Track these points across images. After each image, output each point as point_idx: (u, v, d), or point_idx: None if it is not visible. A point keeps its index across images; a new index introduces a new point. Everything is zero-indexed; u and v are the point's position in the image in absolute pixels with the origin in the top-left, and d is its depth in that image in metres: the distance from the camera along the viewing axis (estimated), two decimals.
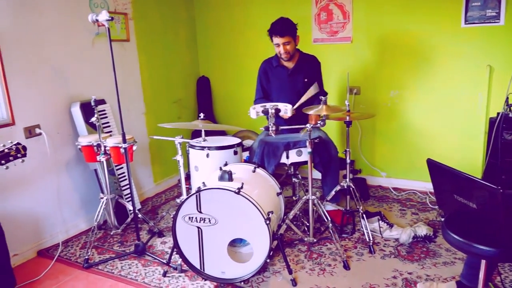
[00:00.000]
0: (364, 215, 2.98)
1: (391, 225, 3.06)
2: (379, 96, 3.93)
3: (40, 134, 3.04)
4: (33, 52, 2.99)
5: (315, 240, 2.96)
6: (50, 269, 2.86)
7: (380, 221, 3.08)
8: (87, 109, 3.22)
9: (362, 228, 3.03)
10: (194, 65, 4.75)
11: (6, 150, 2.12)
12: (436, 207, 3.51)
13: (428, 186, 3.75)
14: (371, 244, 2.88)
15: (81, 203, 3.44)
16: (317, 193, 2.87)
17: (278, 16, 3.15)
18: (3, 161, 2.11)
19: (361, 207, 3.00)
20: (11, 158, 2.14)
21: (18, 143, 2.17)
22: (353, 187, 3.01)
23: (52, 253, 3.07)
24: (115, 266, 2.85)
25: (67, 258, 3.00)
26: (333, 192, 3.08)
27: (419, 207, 3.56)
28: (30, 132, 2.99)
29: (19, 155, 2.17)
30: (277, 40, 3.08)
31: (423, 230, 2.94)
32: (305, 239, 2.96)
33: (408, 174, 3.98)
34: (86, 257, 2.91)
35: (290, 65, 3.26)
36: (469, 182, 1.72)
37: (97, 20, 2.60)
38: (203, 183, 2.49)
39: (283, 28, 3.05)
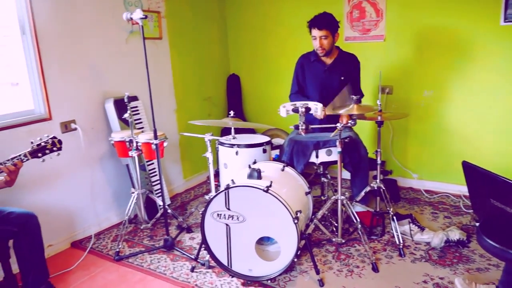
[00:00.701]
0: (394, 217, 2.92)
1: (422, 228, 2.99)
2: (412, 96, 3.83)
3: (75, 129, 3.13)
4: (70, 49, 3.08)
5: (343, 241, 2.93)
6: (82, 260, 2.95)
7: (411, 224, 3.01)
8: (120, 106, 3.29)
9: (392, 230, 2.97)
10: (224, 63, 4.78)
11: (42, 144, 2.19)
12: (471, 211, 3.40)
13: (462, 189, 3.65)
14: (401, 247, 2.82)
15: (113, 197, 3.53)
16: (346, 193, 2.83)
17: (310, 14, 3.12)
18: (39, 154, 2.19)
19: (391, 209, 2.94)
20: (47, 151, 2.21)
21: (54, 137, 2.24)
22: (384, 188, 2.95)
23: (84, 245, 3.17)
24: (144, 260, 2.91)
25: (99, 250, 3.09)
26: (362, 193, 3.03)
27: (452, 211, 3.46)
28: (66, 127, 3.08)
29: (54, 148, 2.23)
30: (315, 32, 3.04)
31: (456, 234, 2.86)
32: (333, 239, 2.93)
33: (441, 176, 3.87)
34: (117, 250, 2.98)
35: (328, 61, 3.22)
36: (507, 186, 1.66)
37: (131, 18, 2.65)
38: (232, 180, 2.50)
39: (323, 21, 3.01)
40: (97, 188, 3.38)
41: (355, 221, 2.77)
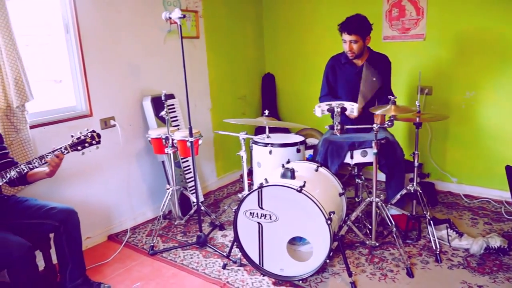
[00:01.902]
0: (431, 222, 2.84)
1: (460, 234, 2.89)
2: (453, 97, 3.71)
3: (114, 125, 3.22)
4: (110, 48, 3.18)
5: (377, 244, 2.87)
6: (118, 253, 3.03)
7: (449, 229, 2.91)
8: (157, 103, 3.37)
9: (429, 235, 2.88)
10: (260, 62, 4.79)
11: (82, 137, 2.27)
12: None
13: (504, 195, 3.49)
14: (438, 252, 2.73)
15: (149, 193, 3.61)
16: (381, 195, 2.78)
17: (347, 13, 3.07)
18: (79, 147, 2.26)
19: (428, 213, 2.85)
20: (86, 144, 2.28)
21: (93, 131, 2.31)
22: (420, 191, 2.87)
23: (120, 238, 3.26)
24: (177, 255, 2.96)
25: (134, 244, 3.17)
26: (398, 196, 2.96)
27: (493, 217, 3.33)
28: (106, 123, 3.18)
29: (94, 142, 2.30)
30: (345, 36, 3.02)
31: (496, 241, 2.74)
32: (367, 242, 2.88)
33: (482, 181, 3.72)
34: (152, 244, 3.05)
35: (359, 62, 3.18)
36: None
37: (170, 18, 2.70)
38: (265, 179, 2.51)
39: (354, 26, 2.97)
40: (133, 183, 3.47)
41: (390, 224, 2.71)
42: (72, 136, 2.26)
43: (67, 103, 3.03)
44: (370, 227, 2.93)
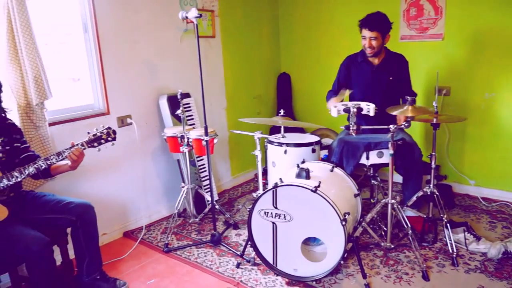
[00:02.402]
0: (448, 225, 2.80)
1: (478, 238, 2.84)
2: (472, 98, 3.64)
3: (130, 123, 3.26)
4: (128, 47, 3.21)
5: (392, 246, 2.84)
6: (133, 250, 3.07)
7: (466, 233, 2.87)
8: (173, 102, 3.39)
9: (445, 238, 2.84)
10: (275, 61, 4.78)
11: (98, 134, 2.30)
12: None
13: None
14: (454, 256, 2.69)
15: (164, 191, 3.64)
16: (397, 197, 2.74)
17: (364, 13, 3.05)
18: (95, 144, 2.29)
19: (445, 216, 2.81)
20: (102, 141, 2.31)
21: (109, 128, 2.33)
22: (437, 193, 2.83)
23: (136, 235, 3.29)
24: (192, 253, 2.98)
25: (149, 241, 3.20)
26: (414, 198, 2.93)
27: (511, 221, 3.26)
28: (122, 121, 3.22)
29: (109, 138, 2.33)
30: (365, 32, 2.99)
31: None
32: (382, 244, 2.85)
33: (501, 183, 3.65)
34: (166, 242, 3.07)
35: (375, 61, 3.15)
36: None
37: (186, 17, 2.72)
38: (280, 179, 2.50)
39: (375, 22, 2.96)
40: (148, 181, 3.50)
41: (405, 226, 2.68)
42: (88, 133, 2.29)
43: (85, 101, 3.08)
44: (385, 228, 2.90)
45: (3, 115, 2.29)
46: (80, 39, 2.98)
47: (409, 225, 2.67)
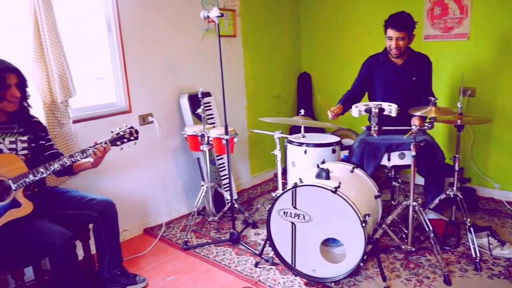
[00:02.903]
0: (471, 229, 2.73)
1: (503, 243, 2.77)
2: (498, 100, 3.55)
3: (152, 122, 3.30)
4: (150, 47, 3.25)
5: (413, 249, 2.79)
6: (153, 247, 3.10)
7: (490, 237, 2.80)
8: (194, 101, 3.41)
9: (468, 242, 2.78)
10: (296, 61, 4.76)
11: (121, 133, 2.33)
12: None
13: None
14: (477, 260, 2.63)
15: (183, 189, 3.67)
16: (419, 199, 2.70)
17: (387, 12, 3.01)
18: (118, 142, 2.33)
19: (468, 220, 2.75)
20: (125, 140, 2.34)
21: (132, 127, 2.36)
22: (461, 197, 2.77)
23: (156, 232, 3.33)
24: (210, 251, 2.99)
25: (168, 238, 3.23)
26: (436, 200, 2.87)
27: None
28: (144, 120, 3.26)
29: (132, 137, 2.36)
30: (392, 33, 2.94)
31: None
32: (403, 247, 2.81)
33: None
34: (186, 239, 3.10)
35: (398, 61, 3.10)
36: None
37: (208, 17, 2.74)
38: (300, 179, 2.49)
39: (402, 22, 2.91)
40: (169, 179, 3.53)
41: (427, 229, 2.63)
42: (111, 132, 2.32)
43: (107, 99, 3.13)
44: (406, 231, 2.86)
45: (29, 111, 2.34)
46: (104, 38, 3.03)
47: (431, 228, 2.63)
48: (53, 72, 2.58)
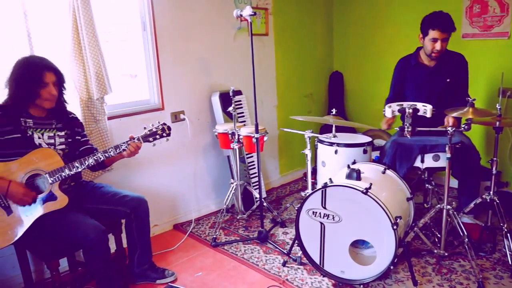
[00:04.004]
0: (508, 235, 2.63)
1: None
2: None
3: (183, 119, 3.34)
4: (183, 45, 3.29)
5: (446, 254, 2.72)
6: (182, 243, 3.15)
7: None
8: (225, 99, 3.44)
9: (505, 248, 2.68)
10: (328, 60, 4.72)
11: (154, 129, 2.37)
12: None
13: None
14: None
15: (213, 186, 3.71)
16: (453, 203, 2.62)
17: (424, 11, 2.93)
18: (150, 139, 2.37)
19: (505, 225, 2.65)
20: (157, 136, 2.38)
21: (164, 124, 2.40)
22: (498, 201, 2.68)
23: (185, 228, 3.38)
24: (238, 249, 3.01)
25: (197, 234, 3.27)
26: (472, 204, 2.78)
27: None
28: (176, 117, 3.31)
29: (164, 134, 2.40)
30: (436, 34, 2.82)
31: None
32: (435, 251, 2.74)
33: None
34: (214, 236, 3.13)
35: (431, 63, 3.01)
36: None
37: (241, 15, 2.74)
38: (330, 179, 2.47)
39: (447, 23, 2.80)
40: (199, 176, 3.57)
41: (461, 233, 2.55)
42: (144, 128, 2.37)
43: (141, 96, 3.19)
44: (439, 235, 2.78)
45: (66, 108, 2.42)
46: (139, 37, 3.10)
47: (465, 233, 2.55)
48: (90, 69, 2.66)
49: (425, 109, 2.63)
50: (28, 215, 2.13)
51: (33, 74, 2.15)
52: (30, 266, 2.48)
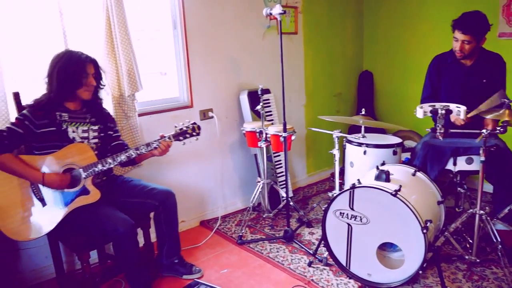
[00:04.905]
0: None
1: None
2: None
3: (212, 117, 3.37)
4: (213, 43, 3.32)
5: (477, 260, 2.64)
6: (209, 239, 3.18)
7: None
8: (253, 97, 3.44)
9: None
10: (357, 59, 4.65)
11: (184, 128, 2.40)
12: None
13: None
14: None
15: (240, 184, 3.72)
16: (486, 208, 2.54)
17: (458, 9, 2.84)
18: (181, 137, 2.40)
19: None
20: (187, 135, 2.41)
21: (194, 123, 2.43)
22: None
23: (211, 225, 3.40)
24: (264, 247, 3.01)
25: (224, 232, 3.29)
26: (506, 210, 2.69)
27: None
28: (204, 115, 3.34)
29: (194, 133, 2.43)
30: (458, 35, 2.76)
31: None
32: (466, 257, 2.66)
33: None
34: (240, 234, 3.14)
35: (467, 62, 2.92)
36: None
37: (270, 14, 2.74)
38: (358, 180, 2.43)
39: (470, 24, 2.71)
40: (226, 174, 3.60)
41: (494, 240, 2.47)
42: (175, 127, 2.40)
43: (171, 94, 3.24)
44: (470, 241, 2.70)
45: (101, 103, 2.48)
46: (169, 35, 3.14)
47: (499, 239, 2.46)
48: (122, 67, 2.72)
49: (459, 110, 2.55)
50: (62, 207, 2.20)
51: (77, 63, 2.23)
52: (62, 257, 2.56)
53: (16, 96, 2.39)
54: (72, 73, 2.22)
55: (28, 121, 2.19)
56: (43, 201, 2.19)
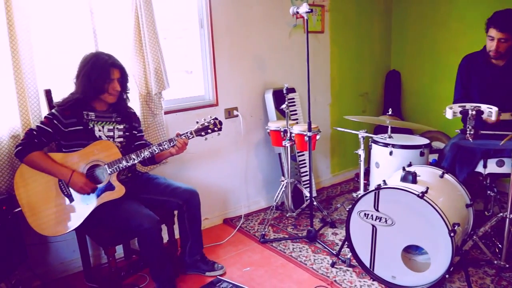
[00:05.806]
0: None
1: None
2: None
3: (237, 115, 3.38)
4: (239, 42, 3.33)
5: (507, 266, 2.55)
6: (232, 237, 3.20)
7: None
8: (278, 96, 3.44)
9: None
10: (385, 58, 4.58)
11: (205, 123, 2.43)
12: None
13: None
14: None
15: (263, 183, 3.72)
16: None
17: (491, 7, 2.75)
18: (202, 133, 2.42)
19: None
20: (209, 130, 2.43)
21: (216, 118, 2.45)
22: None
23: (234, 223, 3.42)
24: (287, 247, 3.01)
25: (246, 230, 3.30)
26: None
27: None
28: (229, 113, 3.35)
29: (215, 128, 2.44)
30: (493, 33, 2.68)
31: None
32: (495, 262, 2.58)
33: None
34: (263, 232, 3.15)
35: (500, 62, 2.83)
36: None
37: (297, 12, 2.73)
38: (384, 181, 2.40)
39: (507, 21, 2.63)
40: (250, 172, 3.61)
41: None
42: (197, 122, 2.42)
43: (196, 92, 3.27)
44: (500, 245, 2.62)
45: (127, 103, 2.53)
46: (195, 34, 3.17)
47: None
48: (149, 65, 2.76)
49: (491, 111, 2.47)
50: (89, 203, 2.26)
51: (101, 70, 2.27)
52: (89, 251, 2.63)
53: (48, 93, 2.47)
54: (95, 80, 2.26)
55: (56, 120, 2.26)
56: (70, 197, 2.25)
